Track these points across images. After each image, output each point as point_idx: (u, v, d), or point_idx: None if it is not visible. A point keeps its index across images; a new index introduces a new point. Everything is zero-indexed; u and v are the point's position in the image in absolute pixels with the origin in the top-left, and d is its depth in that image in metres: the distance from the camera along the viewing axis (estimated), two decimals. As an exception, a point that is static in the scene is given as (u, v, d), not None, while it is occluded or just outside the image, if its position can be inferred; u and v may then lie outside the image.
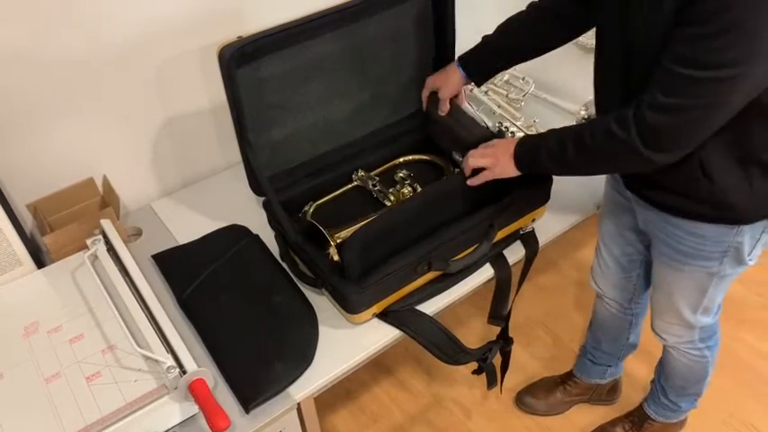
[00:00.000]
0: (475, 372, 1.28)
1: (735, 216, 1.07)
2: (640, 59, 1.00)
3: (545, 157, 1.09)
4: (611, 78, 1.09)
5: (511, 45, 1.32)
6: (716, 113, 0.91)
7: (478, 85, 1.41)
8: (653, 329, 1.40)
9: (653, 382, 1.60)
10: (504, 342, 1.29)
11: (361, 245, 1.09)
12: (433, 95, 1.41)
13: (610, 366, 1.66)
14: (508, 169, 1.15)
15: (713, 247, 1.12)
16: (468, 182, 1.20)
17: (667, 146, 0.95)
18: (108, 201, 1.37)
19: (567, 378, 1.74)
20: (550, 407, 1.74)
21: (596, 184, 1.41)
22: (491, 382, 1.30)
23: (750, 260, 1.16)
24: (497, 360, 1.30)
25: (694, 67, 0.87)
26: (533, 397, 1.76)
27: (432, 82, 1.42)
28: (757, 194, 1.03)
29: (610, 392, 1.74)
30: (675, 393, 1.54)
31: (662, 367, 1.54)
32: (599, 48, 1.12)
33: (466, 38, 1.41)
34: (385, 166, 1.44)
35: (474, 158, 1.19)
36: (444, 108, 1.39)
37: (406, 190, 1.37)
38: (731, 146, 0.98)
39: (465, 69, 1.35)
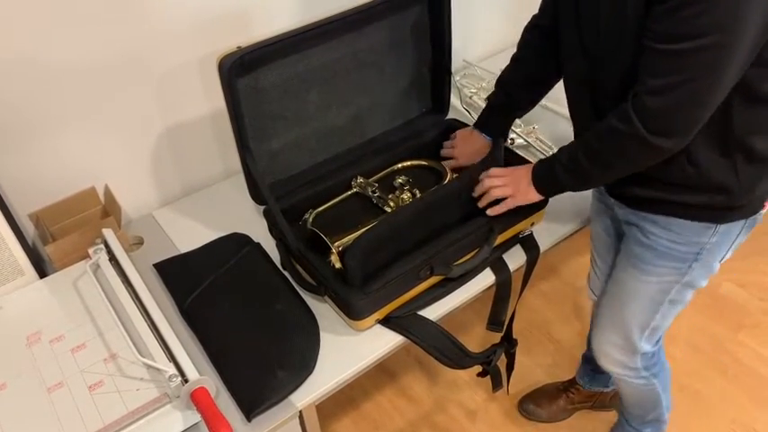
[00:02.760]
0: (480, 374, 1.28)
1: (723, 204, 1.05)
2: (601, 65, 1.02)
3: (562, 174, 1.10)
4: (580, 95, 1.12)
5: (516, 99, 1.34)
6: (709, 87, 0.90)
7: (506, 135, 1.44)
8: (594, 354, 1.38)
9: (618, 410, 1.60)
10: (508, 344, 1.29)
11: (364, 251, 1.09)
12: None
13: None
14: (530, 195, 1.16)
15: (687, 246, 1.11)
16: (489, 211, 1.21)
17: (671, 129, 0.94)
18: (110, 210, 1.37)
19: (569, 385, 1.74)
20: (553, 414, 1.74)
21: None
22: (496, 385, 1.30)
23: (716, 267, 1.16)
24: (502, 362, 1.31)
25: (672, 41, 0.87)
26: (535, 404, 1.75)
27: (464, 159, 1.41)
28: (743, 183, 1.03)
29: (613, 399, 1.73)
30: (636, 421, 1.54)
31: (620, 398, 1.54)
32: (564, 69, 1.15)
33: (462, 44, 1.41)
34: (384, 172, 1.45)
35: (494, 189, 1.20)
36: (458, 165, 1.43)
37: (406, 195, 1.37)
38: (713, 132, 0.97)
39: (487, 134, 1.38)
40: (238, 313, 1.18)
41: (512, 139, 1.56)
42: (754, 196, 1.06)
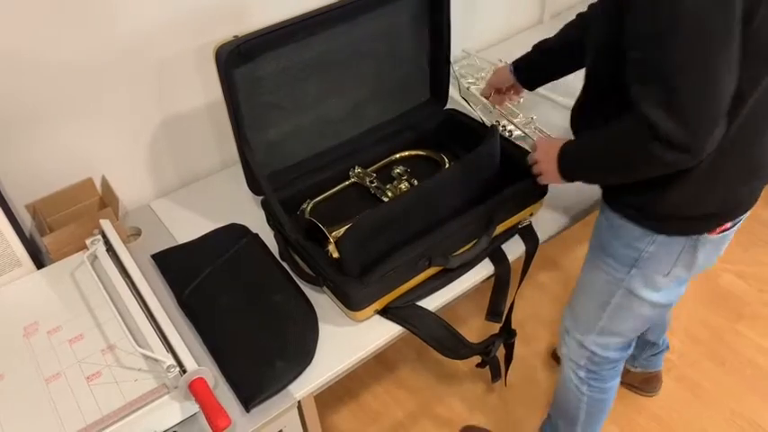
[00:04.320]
0: (479, 365, 1.29)
1: (658, 213, 1.04)
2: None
3: (584, 171, 1.08)
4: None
5: (557, 48, 1.31)
6: (698, 88, 0.84)
7: (530, 88, 1.42)
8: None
9: None
10: (507, 335, 1.29)
11: (356, 238, 1.09)
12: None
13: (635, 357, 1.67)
14: (557, 178, 1.12)
15: (626, 249, 1.11)
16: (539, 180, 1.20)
17: (672, 137, 0.87)
18: (107, 201, 1.37)
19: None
20: None
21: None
22: (495, 376, 1.30)
23: (669, 283, 1.12)
24: (501, 353, 1.31)
25: (639, 48, 0.86)
26: None
27: (487, 89, 1.50)
28: (684, 195, 1.01)
29: (643, 383, 1.73)
30: (550, 427, 1.54)
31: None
32: None
33: (462, 33, 1.40)
34: (382, 162, 1.45)
35: (535, 165, 1.19)
36: (487, 93, 1.51)
37: (404, 185, 1.37)
38: None
39: (515, 71, 1.38)
40: (237, 304, 1.18)
41: (509, 131, 1.56)
42: (694, 213, 1.04)
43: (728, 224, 1.07)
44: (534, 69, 1.37)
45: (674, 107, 0.85)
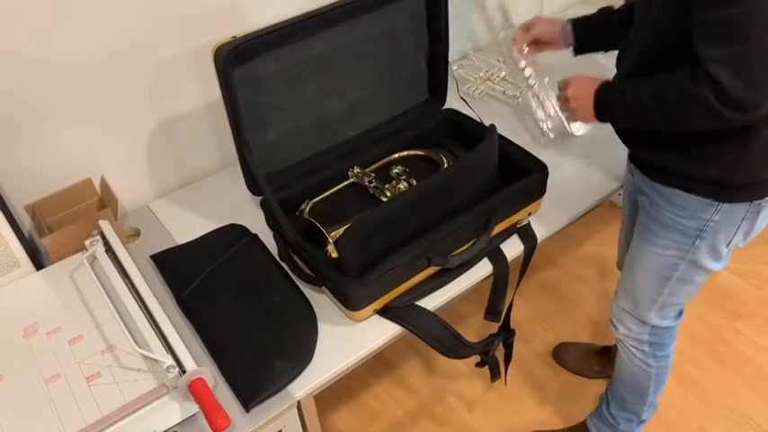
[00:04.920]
0: (478, 364, 1.29)
1: (720, 180, 1.06)
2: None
3: (621, 108, 1.07)
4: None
5: (624, 18, 1.25)
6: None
7: (579, 50, 1.35)
8: (610, 319, 1.41)
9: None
10: (506, 334, 1.30)
11: (355, 238, 1.09)
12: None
13: None
14: (589, 115, 1.12)
15: (689, 221, 1.12)
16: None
17: (742, 101, 0.90)
18: (106, 202, 1.37)
19: (606, 351, 1.80)
20: (579, 368, 1.81)
21: (594, 180, 1.41)
22: (494, 375, 1.30)
23: (727, 253, 1.17)
24: (500, 352, 1.31)
25: (714, 8, 0.87)
26: (569, 353, 1.84)
27: (536, 28, 1.38)
28: (747, 162, 1.03)
29: None
30: (616, 405, 1.54)
31: (614, 372, 1.54)
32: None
33: (460, 33, 1.40)
34: (381, 162, 1.45)
35: (566, 101, 1.16)
36: (520, 43, 1.39)
37: (402, 185, 1.37)
38: None
39: (574, 28, 1.32)
40: (236, 304, 1.18)
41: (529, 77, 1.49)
42: (756, 178, 1.06)
43: None
44: (597, 31, 1.31)
45: (744, 67, 0.88)
